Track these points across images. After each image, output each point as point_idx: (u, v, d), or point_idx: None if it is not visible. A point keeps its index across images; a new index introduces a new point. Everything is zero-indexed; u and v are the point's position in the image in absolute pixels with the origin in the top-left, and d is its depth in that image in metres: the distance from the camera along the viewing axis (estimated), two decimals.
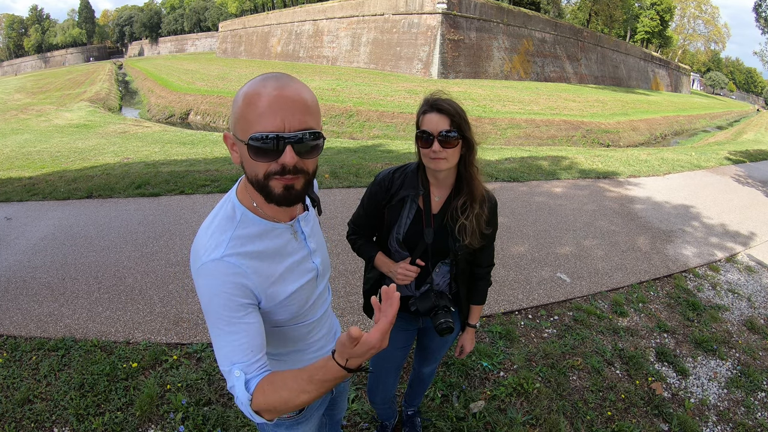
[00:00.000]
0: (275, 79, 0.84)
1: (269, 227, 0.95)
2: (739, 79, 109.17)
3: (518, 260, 4.03)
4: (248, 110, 0.81)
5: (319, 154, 0.89)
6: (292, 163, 0.83)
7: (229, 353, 0.86)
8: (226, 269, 0.87)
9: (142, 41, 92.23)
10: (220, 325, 0.87)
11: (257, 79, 0.84)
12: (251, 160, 0.84)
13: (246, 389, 0.85)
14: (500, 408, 2.35)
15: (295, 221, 1.01)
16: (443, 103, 1.30)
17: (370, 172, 6.39)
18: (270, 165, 0.84)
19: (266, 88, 0.82)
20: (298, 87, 0.84)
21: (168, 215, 4.71)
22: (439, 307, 1.44)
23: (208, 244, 0.89)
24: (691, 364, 2.85)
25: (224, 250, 0.88)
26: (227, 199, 0.96)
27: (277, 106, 0.81)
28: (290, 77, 0.86)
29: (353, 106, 16.72)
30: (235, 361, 0.86)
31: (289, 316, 1.02)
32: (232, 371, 0.86)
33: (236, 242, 0.90)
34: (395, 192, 1.44)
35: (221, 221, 0.92)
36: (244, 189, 0.95)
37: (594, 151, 10.45)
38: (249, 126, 0.82)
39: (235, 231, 0.90)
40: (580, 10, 46.94)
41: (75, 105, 21.02)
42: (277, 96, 0.81)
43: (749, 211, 6.04)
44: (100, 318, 2.94)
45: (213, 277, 0.86)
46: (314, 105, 0.86)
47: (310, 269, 1.05)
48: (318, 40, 34.45)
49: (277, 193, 0.86)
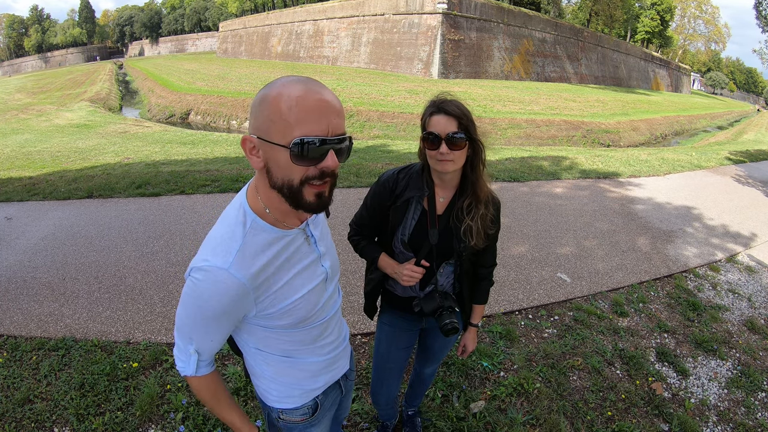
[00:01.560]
0: (310, 83, 0.82)
1: (280, 235, 0.94)
2: (740, 79, 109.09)
3: (519, 260, 4.03)
4: (290, 113, 0.79)
5: (347, 158, 0.90)
6: (334, 167, 0.83)
7: (191, 334, 0.94)
8: (229, 284, 0.86)
9: (143, 41, 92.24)
10: (194, 320, 0.91)
11: (290, 82, 0.82)
12: (291, 164, 0.82)
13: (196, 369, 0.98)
14: (500, 408, 2.35)
15: (305, 225, 1.00)
16: (451, 104, 1.30)
17: (370, 172, 6.39)
18: (308, 170, 0.83)
19: (308, 91, 0.80)
20: (331, 92, 0.85)
21: (168, 215, 4.71)
22: (444, 307, 1.44)
23: (217, 247, 0.88)
24: (691, 364, 2.85)
25: (232, 261, 0.86)
26: (238, 203, 0.94)
27: (322, 110, 0.80)
28: (318, 82, 0.85)
29: (354, 106, 16.73)
30: (193, 341, 0.94)
31: (299, 319, 1.01)
32: (189, 346, 0.95)
33: (245, 253, 0.88)
34: (400, 193, 1.44)
35: (232, 227, 0.90)
36: (254, 194, 0.92)
37: (594, 151, 10.45)
38: (290, 129, 0.80)
39: (245, 239, 0.89)
40: (581, 10, 46.89)
41: (75, 105, 21.03)
42: (321, 100, 0.80)
43: (749, 211, 6.04)
44: (101, 318, 2.94)
45: (213, 286, 0.86)
46: (343, 110, 0.88)
47: (319, 273, 1.04)
48: (318, 40, 34.46)
49: (309, 201, 0.86)
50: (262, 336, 1.02)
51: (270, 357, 1.07)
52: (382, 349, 1.74)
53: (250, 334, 1.03)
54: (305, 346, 1.09)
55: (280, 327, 1.00)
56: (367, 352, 2.73)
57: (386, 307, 1.69)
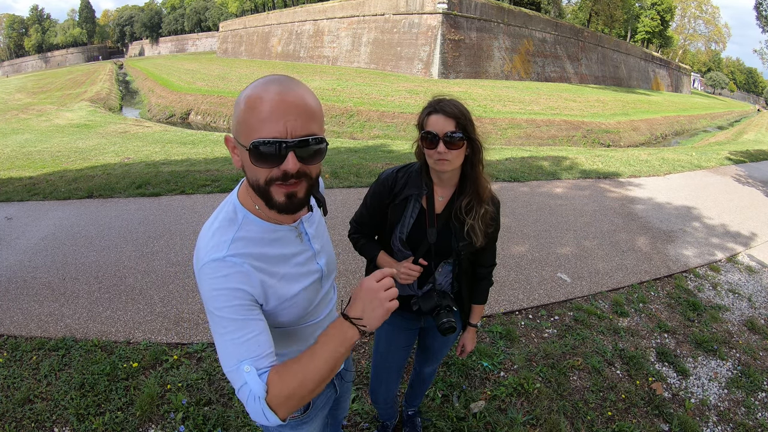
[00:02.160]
0: (278, 82, 0.82)
1: (272, 229, 0.94)
2: (740, 79, 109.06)
3: (519, 260, 4.03)
4: (250, 115, 0.80)
5: (322, 159, 0.88)
6: (294, 170, 0.82)
7: (235, 351, 0.83)
8: (229, 268, 0.86)
9: (143, 41, 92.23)
10: (224, 323, 0.84)
11: (260, 82, 0.82)
12: (252, 165, 0.82)
13: (260, 380, 0.82)
14: (500, 408, 2.35)
15: (299, 223, 1.00)
16: (448, 104, 1.30)
17: (370, 172, 6.39)
18: (272, 171, 0.82)
19: (269, 92, 0.80)
20: (302, 91, 0.83)
21: (168, 215, 4.71)
22: (442, 306, 1.44)
23: (209, 245, 0.88)
24: (691, 364, 2.85)
25: (226, 251, 0.86)
26: (228, 200, 0.95)
27: (279, 112, 0.79)
28: (294, 80, 0.84)
29: (354, 106, 16.72)
30: (242, 357, 0.82)
31: (294, 318, 1.01)
32: (240, 368, 0.82)
33: (238, 244, 0.89)
34: (399, 191, 1.45)
35: (222, 223, 0.91)
36: (245, 191, 0.93)
37: (594, 151, 10.45)
38: (251, 131, 0.80)
39: (237, 233, 0.89)
40: (581, 10, 46.90)
41: (76, 105, 21.05)
42: (280, 101, 0.79)
43: (750, 211, 6.03)
44: (101, 318, 2.95)
45: (216, 276, 0.85)
46: (317, 109, 0.85)
47: (314, 270, 1.04)
48: (318, 40, 34.45)
49: (279, 201, 0.85)
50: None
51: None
52: (381, 348, 1.75)
53: None
54: (298, 344, 1.08)
55: (273, 326, 0.99)
56: (366, 352, 2.73)
57: None
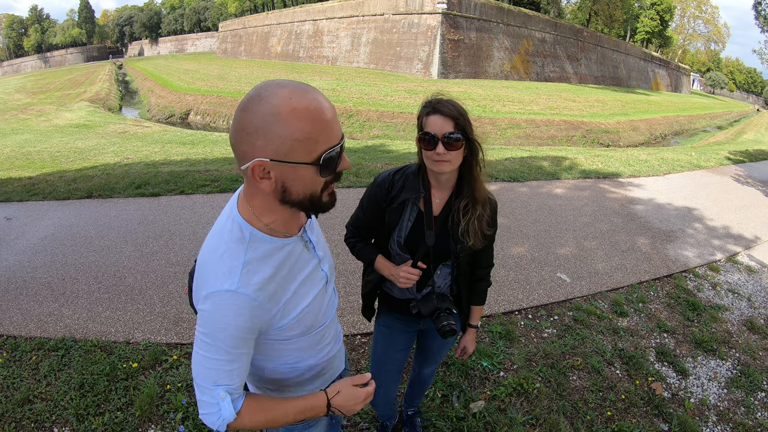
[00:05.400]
0: (309, 89, 0.79)
1: (280, 244, 0.92)
2: (739, 79, 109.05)
3: (518, 260, 4.03)
4: (314, 128, 0.76)
5: None
6: (350, 165, 0.87)
7: (216, 375, 0.86)
8: (242, 303, 0.83)
9: (142, 41, 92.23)
10: (215, 350, 0.85)
11: (292, 93, 0.76)
12: (317, 178, 0.81)
13: (232, 407, 0.88)
14: (500, 408, 2.35)
15: (303, 231, 0.99)
16: (447, 105, 1.28)
17: (370, 172, 6.39)
18: (332, 175, 0.85)
19: (309, 100, 0.77)
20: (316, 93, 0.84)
21: (168, 215, 4.71)
22: (441, 309, 1.43)
23: (219, 270, 0.84)
24: (691, 364, 2.85)
25: (238, 280, 0.83)
26: (229, 217, 0.90)
27: (334, 117, 0.80)
28: (307, 85, 0.82)
29: (353, 106, 16.72)
30: (220, 383, 0.86)
31: (306, 328, 1.01)
32: (215, 391, 0.87)
33: (250, 268, 0.85)
34: (396, 194, 1.43)
35: (230, 244, 0.86)
36: (246, 208, 0.88)
37: (594, 151, 10.45)
38: (316, 144, 0.78)
39: (246, 254, 0.86)
40: (580, 10, 46.92)
41: (75, 105, 21.05)
42: (329, 109, 0.80)
43: (749, 211, 6.04)
44: (100, 318, 2.94)
45: (226, 310, 0.83)
46: None
47: (321, 278, 1.04)
48: (318, 40, 34.46)
49: (326, 202, 0.88)
50: (267, 349, 1.00)
51: (270, 365, 1.05)
52: (379, 352, 1.73)
53: (255, 351, 0.99)
54: (306, 352, 1.08)
55: (286, 338, 0.98)
56: (366, 353, 2.73)
57: (383, 309, 1.69)
